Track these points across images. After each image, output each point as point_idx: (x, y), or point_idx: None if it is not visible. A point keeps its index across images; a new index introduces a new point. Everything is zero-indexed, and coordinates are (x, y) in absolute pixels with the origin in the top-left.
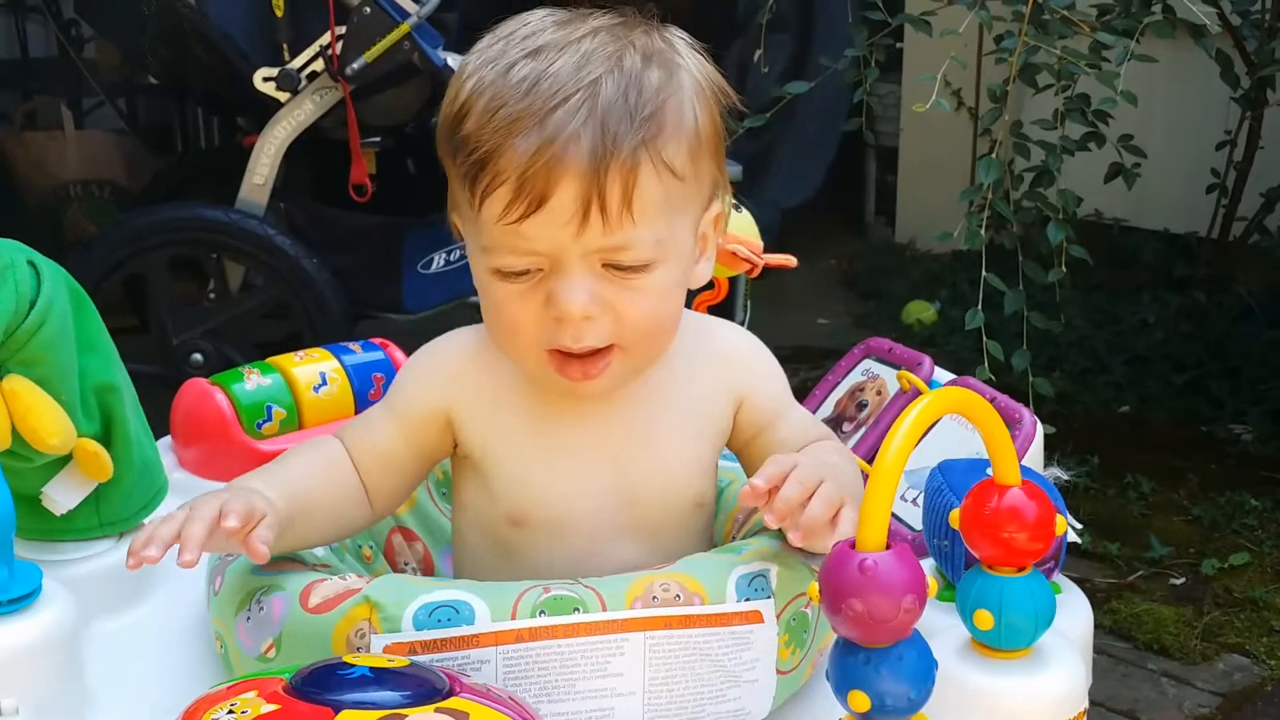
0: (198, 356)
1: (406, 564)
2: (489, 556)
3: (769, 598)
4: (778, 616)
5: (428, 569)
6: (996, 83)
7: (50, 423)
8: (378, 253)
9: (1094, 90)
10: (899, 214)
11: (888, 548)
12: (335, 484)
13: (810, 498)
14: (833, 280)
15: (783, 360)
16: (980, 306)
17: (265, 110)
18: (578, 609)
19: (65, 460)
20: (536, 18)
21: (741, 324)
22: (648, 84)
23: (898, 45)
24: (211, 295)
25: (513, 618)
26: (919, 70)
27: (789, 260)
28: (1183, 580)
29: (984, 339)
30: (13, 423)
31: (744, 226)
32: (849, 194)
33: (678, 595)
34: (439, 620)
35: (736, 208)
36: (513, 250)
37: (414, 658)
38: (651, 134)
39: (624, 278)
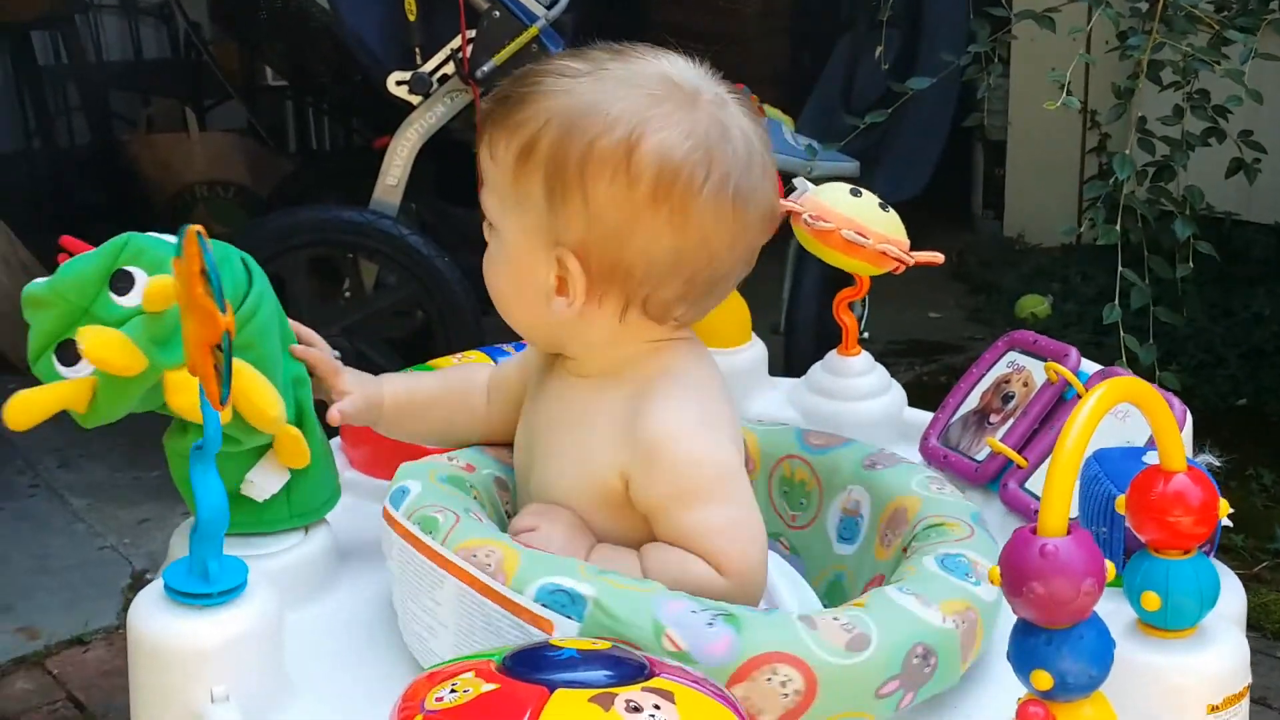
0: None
1: None
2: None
3: (569, 618)
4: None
5: None
6: (1110, 79)
7: (269, 398)
8: None
9: (1211, 85)
10: (1008, 207)
11: (1067, 533)
12: (455, 398)
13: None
14: (942, 274)
15: (896, 355)
16: (1117, 301)
17: (390, 112)
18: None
19: (264, 451)
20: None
21: (860, 318)
22: (528, 84)
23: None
24: (347, 294)
25: None
26: (1027, 65)
27: (936, 257)
28: None
29: (1120, 333)
30: (234, 401)
31: (891, 225)
32: (956, 188)
33: (489, 565)
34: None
35: (884, 207)
36: None
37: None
38: (496, 113)
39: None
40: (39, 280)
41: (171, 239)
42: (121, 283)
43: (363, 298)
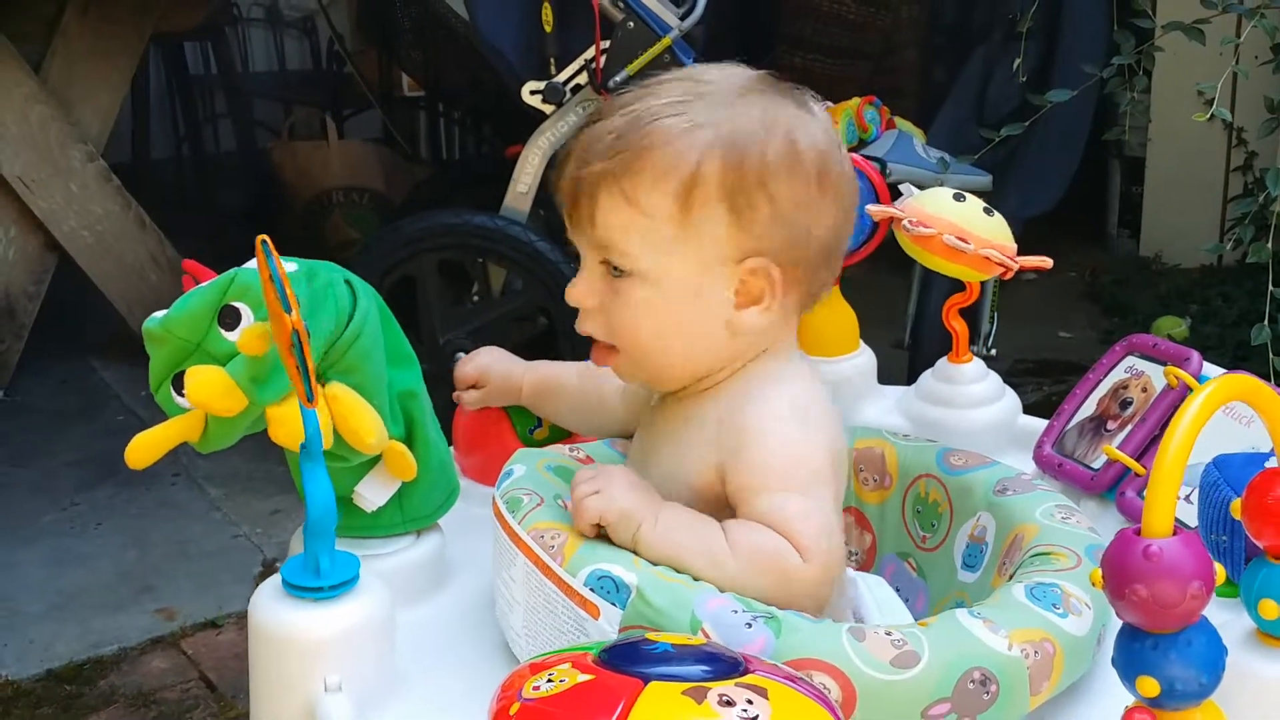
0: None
1: None
2: None
3: (613, 605)
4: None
5: None
6: (1257, 94)
7: (368, 424)
8: None
9: None
10: (1145, 226)
11: (1174, 534)
12: (590, 391)
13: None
14: (1074, 293)
15: (1025, 374)
16: (1266, 321)
17: (522, 121)
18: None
19: (374, 462)
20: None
21: (987, 335)
22: (646, 130)
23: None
24: (475, 297)
25: None
26: (1168, 80)
27: (1044, 262)
28: None
29: (1269, 354)
30: (334, 425)
31: (995, 230)
32: (1090, 205)
33: (552, 546)
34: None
35: (988, 211)
36: None
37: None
38: (616, 169)
39: (615, 281)
40: (155, 316)
41: (288, 266)
42: (229, 318)
43: (490, 302)
